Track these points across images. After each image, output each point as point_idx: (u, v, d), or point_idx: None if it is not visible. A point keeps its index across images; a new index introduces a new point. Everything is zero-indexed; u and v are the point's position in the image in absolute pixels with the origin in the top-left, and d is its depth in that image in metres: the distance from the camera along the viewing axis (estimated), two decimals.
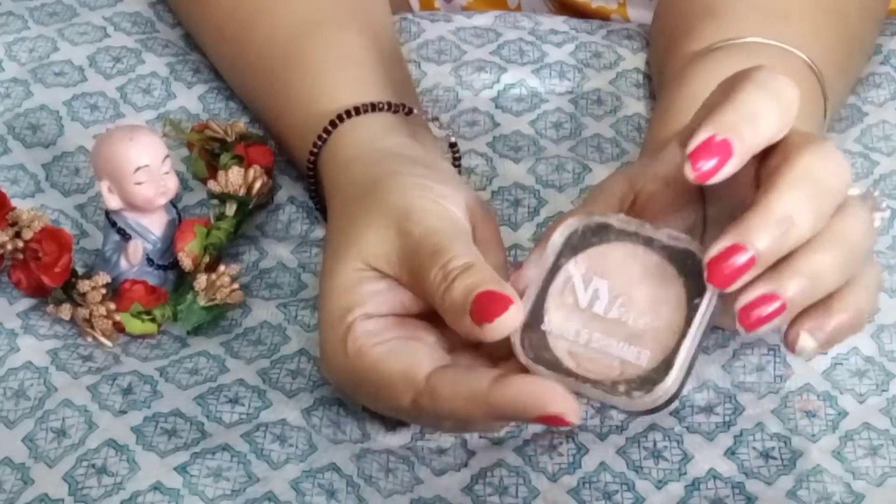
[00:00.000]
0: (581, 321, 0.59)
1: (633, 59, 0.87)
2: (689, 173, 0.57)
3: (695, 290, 0.58)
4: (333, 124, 0.72)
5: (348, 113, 0.72)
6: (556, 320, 0.60)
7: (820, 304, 0.59)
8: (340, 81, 0.75)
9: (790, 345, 0.59)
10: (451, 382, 0.59)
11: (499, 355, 0.62)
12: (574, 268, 0.60)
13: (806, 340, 0.59)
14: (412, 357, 0.61)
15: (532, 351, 0.59)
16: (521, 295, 0.59)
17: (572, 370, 0.59)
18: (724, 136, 0.57)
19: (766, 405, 0.66)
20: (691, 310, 0.57)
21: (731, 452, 0.65)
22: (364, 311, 0.62)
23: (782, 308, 0.57)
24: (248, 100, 0.82)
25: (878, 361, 0.68)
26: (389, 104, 0.72)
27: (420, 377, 0.60)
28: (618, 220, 0.60)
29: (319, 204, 0.75)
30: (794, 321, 0.59)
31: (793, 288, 0.57)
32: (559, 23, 0.90)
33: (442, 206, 0.64)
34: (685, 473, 0.64)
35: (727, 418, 0.66)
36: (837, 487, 0.63)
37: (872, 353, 0.69)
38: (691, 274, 0.58)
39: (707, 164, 0.57)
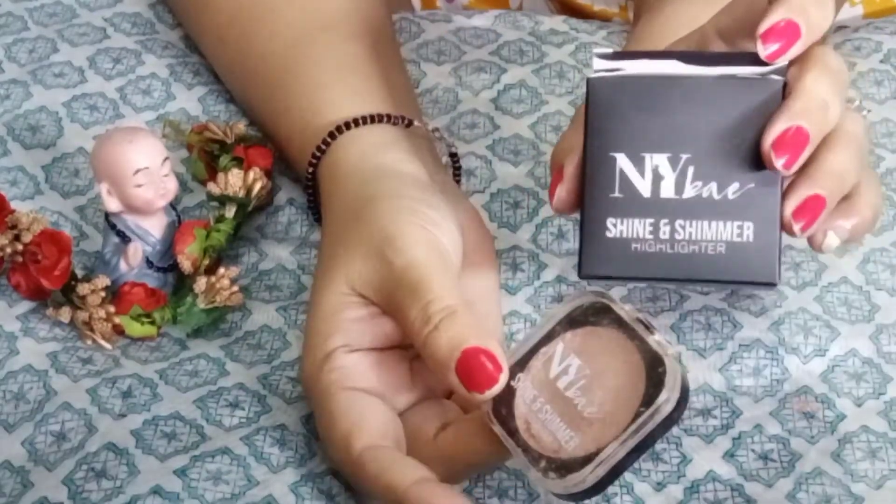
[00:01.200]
0: (542, 390, 0.59)
1: None
2: (760, 51, 0.59)
3: (650, 398, 0.57)
4: (332, 136, 0.71)
5: (347, 125, 0.71)
6: (525, 381, 0.59)
7: (843, 203, 0.61)
8: (340, 92, 0.75)
9: (816, 244, 0.61)
10: (376, 466, 0.59)
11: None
12: (562, 339, 0.60)
13: (832, 238, 0.61)
14: (360, 420, 0.60)
15: (494, 401, 0.59)
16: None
17: (518, 433, 0.58)
18: (792, 19, 0.59)
19: (764, 408, 0.66)
20: (637, 416, 0.57)
21: (729, 455, 0.65)
22: (345, 341, 0.62)
23: (824, 205, 0.59)
24: (248, 107, 0.82)
25: (876, 363, 0.68)
26: (389, 116, 0.72)
27: (356, 447, 0.60)
28: (620, 308, 0.59)
29: (317, 214, 0.75)
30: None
31: (829, 186, 0.59)
32: (559, 22, 0.90)
33: (430, 234, 0.63)
34: (684, 476, 0.64)
35: (725, 421, 0.66)
36: (837, 490, 0.63)
37: (871, 354, 0.69)
38: (655, 383, 0.57)
39: (774, 47, 0.59)
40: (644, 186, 0.60)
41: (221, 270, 0.71)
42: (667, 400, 0.56)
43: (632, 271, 0.60)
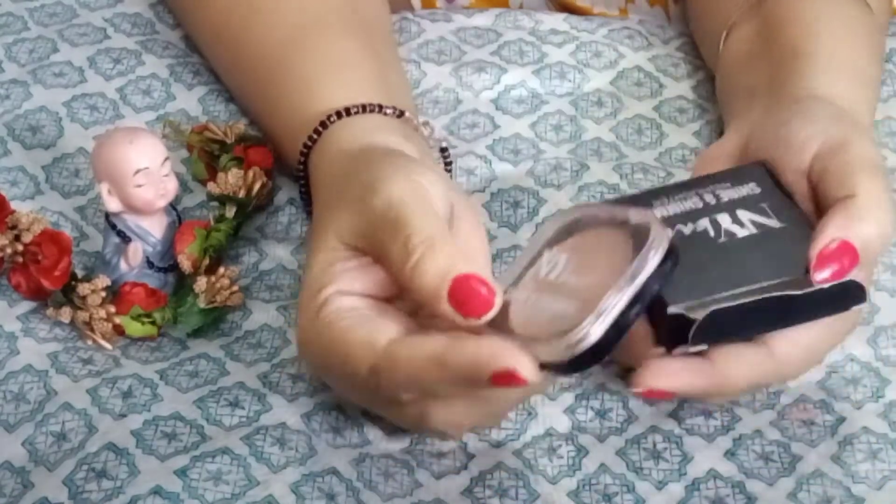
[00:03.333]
0: (533, 289, 0.59)
1: (634, 57, 0.87)
2: (814, 277, 0.60)
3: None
4: (324, 125, 0.72)
5: (339, 114, 0.72)
6: (516, 293, 0.59)
7: None
8: (332, 85, 0.75)
9: None
10: (408, 347, 0.58)
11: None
12: (548, 251, 0.60)
13: None
14: (374, 326, 0.60)
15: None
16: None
17: (516, 333, 0.57)
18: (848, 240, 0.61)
19: (764, 418, 0.66)
20: (627, 268, 0.56)
21: (730, 454, 0.65)
22: (337, 287, 0.61)
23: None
24: (244, 102, 0.82)
25: (873, 367, 0.68)
26: (380, 106, 0.72)
27: (380, 344, 0.59)
28: (598, 208, 0.61)
29: (309, 205, 0.75)
30: None
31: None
32: (559, 21, 0.90)
33: (412, 181, 0.62)
34: (685, 474, 0.64)
35: (726, 422, 0.66)
36: (837, 491, 0.63)
37: (868, 358, 0.69)
38: (642, 244, 0.57)
39: (826, 273, 0.60)
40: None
41: (221, 270, 0.71)
42: (653, 246, 0.56)
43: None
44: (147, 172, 0.70)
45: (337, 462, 0.64)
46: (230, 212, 0.74)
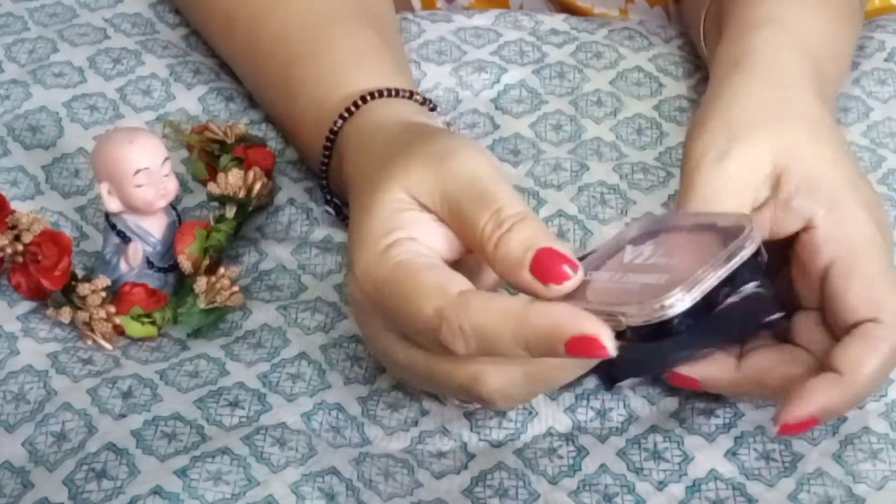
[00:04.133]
0: (617, 269, 0.59)
1: (635, 58, 0.87)
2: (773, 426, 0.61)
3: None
4: (364, 99, 0.72)
5: (381, 93, 0.72)
6: (599, 273, 0.60)
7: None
8: (362, 71, 0.75)
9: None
10: (485, 297, 0.58)
11: None
12: (631, 246, 0.61)
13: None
14: (447, 274, 0.59)
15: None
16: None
17: (591, 301, 0.57)
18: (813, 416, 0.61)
19: (766, 413, 0.66)
20: (723, 250, 0.57)
21: (731, 454, 0.65)
22: (408, 234, 0.61)
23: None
24: (257, 87, 0.82)
25: None
26: (414, 93, 0.73)
27: (452, 290, 0.58)
28: (673, 217, 0.61)
29: (327, 183, 0.74)
30: None
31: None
32: (559, 21, 0.90)
33: (488, 156, 0.63)
34: (686, 474, 0.64)
35: (727, 420, 0.66)
36: (838, 491, 0.63)
37: None
38: (732, 237, 0.57)
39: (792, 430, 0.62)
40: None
41: (222, 270, 0.71)
42: (749, 237, 0.57)
43: None
44: (147, 172, 0.69)
45: (337, 462, 0.64)
46: (230, 212, 0.74)
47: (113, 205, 0.70)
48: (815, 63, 0.70)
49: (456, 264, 0.61)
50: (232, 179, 0.75)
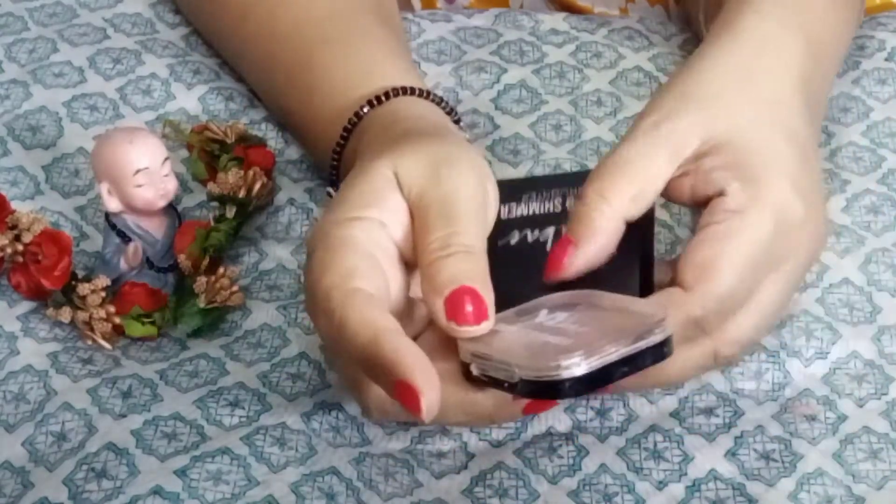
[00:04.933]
0: (527, 327, 0.59)
1: (635, 58, 0.87)
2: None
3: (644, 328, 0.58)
4: (396, 93, 0.72)
5: (413, 90, 0.72)
6: (510, 326, 0.60)
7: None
8: (392, 66, 0.75)
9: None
10: (370, 302, 0.58)
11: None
12: (546, 311, 0.61)
13: None
14: (369, 270, 0.59)
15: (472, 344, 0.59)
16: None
17: (492, 348, 0.58)
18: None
19: (766, 410, 0.66)
20: (633, 331, 0.58)
21: (731, 454, 0.65)
22: (381, 217, 0.61)
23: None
24: (270, 77, 0.81)
25: (878, 364, 0.68)
26: (443, 100, 0.74)
27: (356, 282, 0.58)
28: (598, 296, 0.61)
29: (338, 165, 0.74)
30: None
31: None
32: (559, 21, 0.90)
33: (480, 178, 0.63)
34: (686, 474, 0.64)
35: (727, 420, 0.66)
36: (838, 490, 0.63)
37: (872, 356, 0.69)
38: (646, 322, 0.58)
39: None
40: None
41: (221, 270, 0.71)
42: (663, 325, 0.57)
43: None
44: (147, 172, 0.70)
45: (337, 462, 0.64)
46: (230, 212, 0.74)
47: (113, 205, 0.70)
48: (810, 44, 0.69)
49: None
50: (232, 179, 0.75)
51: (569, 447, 0.65)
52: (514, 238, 0.65)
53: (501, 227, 0.65)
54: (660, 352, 0.58)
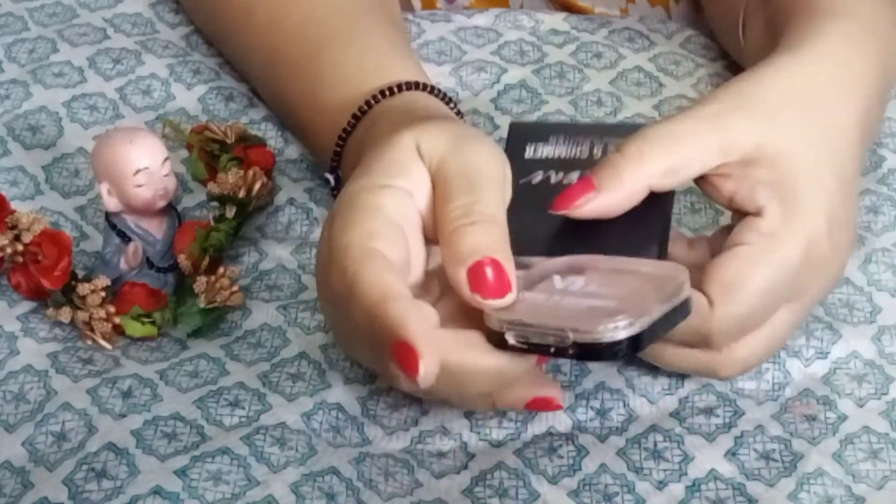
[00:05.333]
0: (550, 292, 0.60)
1: (635, 58, 0.87)
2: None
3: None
4: (409, 87, 0.72)
5: (424, 86, 0.73)
6: (527, 294, 0.60)
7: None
8: (401, 63, 0.75)
9: None
10: (385, 265, 0.58)
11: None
12: (558, 276, 0.61)
13: None
14: (390, 235, 0.60)
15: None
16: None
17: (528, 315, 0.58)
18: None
19: (766, 410, 0.66)
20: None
21: (731, 454, 0.65)
22: (409, 186, 0.61)
23: None
24: (274, 70, 0.81)
25: (878, 364, 0.68)
26: (451, 99, 0.74)
27: (375, 243, 0.59)
28: (598, 259, 0.62)
29: (342, 151, 0.74)
30: None
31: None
32: (560, 21, 0.90)
33: (500, 163, 0.63)
34: (686, 474, 0.64)
35: (727, 420, 0.66)
36: (838, 490, 0.63)
37: (872, 356, 0.69)
38: (667, 281, 0.59)
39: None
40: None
41: (221, 270, 0.71)
42: (687, 284, 0.59)
43: None
44: (147, 172, 0.70)
45: (337, 462, 0.64)
46: (230, 212, 0.74)
47: (113, 205, 0.70)
48: (886, 70, 0.69)
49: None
50: (232, 179, 0.75)
51: (569, 447, 0.65)
52: (537, 178, 0.66)
53: (525, 166, 0.65)
54: (686, 309, 0.59)
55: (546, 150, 0.66)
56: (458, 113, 0.74)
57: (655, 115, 0.84)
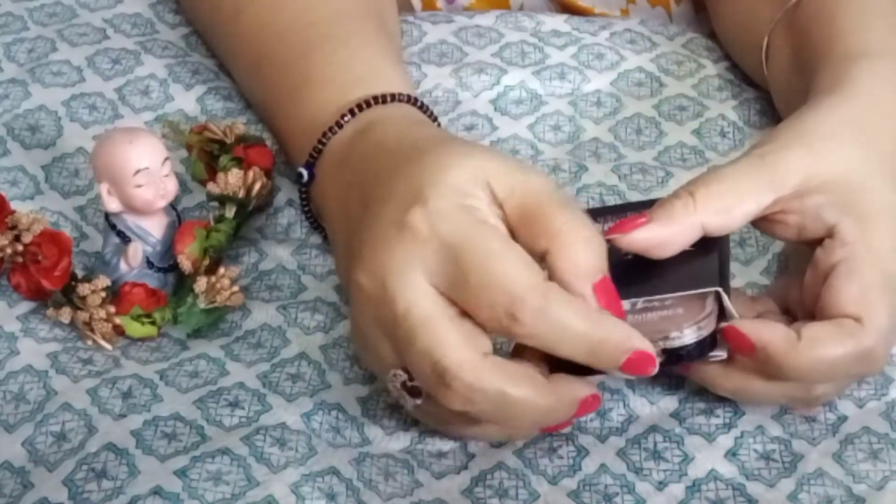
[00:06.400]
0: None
1: (636, 60, 0.87)
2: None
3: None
4: (394, 98, 0.72)
5: (410, 98, 0.73)
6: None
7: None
8: (391, 71, 0.76)
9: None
10: (566, 293, 0.60)
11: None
12: None
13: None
14: (523, 260, 0.61)
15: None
16: None
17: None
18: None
19: (766, 410, 0.66)
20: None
21: (731, 454, 0.65)
22: (491, 206, 0.62)
23: None
24: (259, 71, 0.81)
25: None
26: (432, 112, 0.74)
27: (540, 275, 0.60)
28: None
29: (320, 152, 0.73)
30: None
31: None
32: (561, 22, 0.90)
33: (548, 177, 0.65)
34: (686, 474, 0.64)
35: (727, 420, 0.66)
36: (838, 491, 0.63)
37: None
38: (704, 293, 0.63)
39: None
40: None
41: (221, 270, 0.71)
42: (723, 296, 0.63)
43: None
44: (147, 172, 0.70)
45: (337, 462, 0.64)
46: (230, 212, 0.74)
47: (113, 205, 0.70)
48: None
49: None
50: (232, 179, 0.75)
51: (569, 447, 0.65)
52: None
53: None
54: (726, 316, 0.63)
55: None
56: (439, 125, 0.74)
57: (655, 114, 0.84)
